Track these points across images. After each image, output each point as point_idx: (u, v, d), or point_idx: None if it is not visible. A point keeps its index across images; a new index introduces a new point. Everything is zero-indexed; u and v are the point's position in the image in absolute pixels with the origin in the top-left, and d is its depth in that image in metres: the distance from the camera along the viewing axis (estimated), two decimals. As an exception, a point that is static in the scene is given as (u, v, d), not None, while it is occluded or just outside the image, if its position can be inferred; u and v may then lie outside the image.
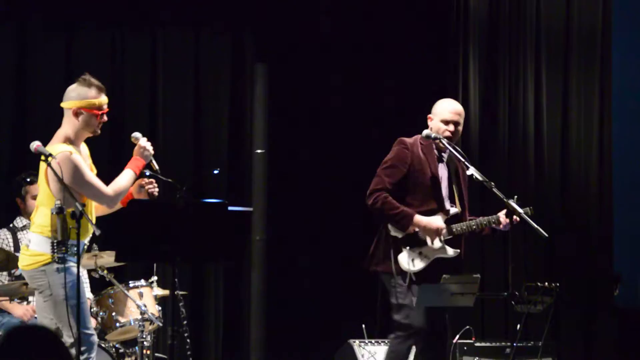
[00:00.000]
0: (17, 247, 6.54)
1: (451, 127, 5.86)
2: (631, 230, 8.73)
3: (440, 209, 5.80)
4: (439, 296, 5.71)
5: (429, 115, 5.97)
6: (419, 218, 5.71)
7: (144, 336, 6.49)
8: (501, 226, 5.86)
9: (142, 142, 5.36)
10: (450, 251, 5.80)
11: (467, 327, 7.15)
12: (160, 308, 6.72)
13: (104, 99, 5.28)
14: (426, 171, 5.80)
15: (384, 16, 8.51)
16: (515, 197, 5.79)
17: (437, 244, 5.75)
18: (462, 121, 5.95)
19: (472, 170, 5.73)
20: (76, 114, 5.21)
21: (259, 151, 8.17)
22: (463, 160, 5.78)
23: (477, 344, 7.16)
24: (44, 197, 5.16)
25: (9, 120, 7.88)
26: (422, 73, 8.36)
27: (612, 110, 8.56)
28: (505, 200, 5.69)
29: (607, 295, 8.45)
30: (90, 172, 5.19)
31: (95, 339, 5.21)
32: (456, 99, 8.38)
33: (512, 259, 6.26)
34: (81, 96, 5.22)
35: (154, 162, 5.37)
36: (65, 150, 5.13)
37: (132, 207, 4.91)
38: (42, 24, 7.97)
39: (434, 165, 5.84)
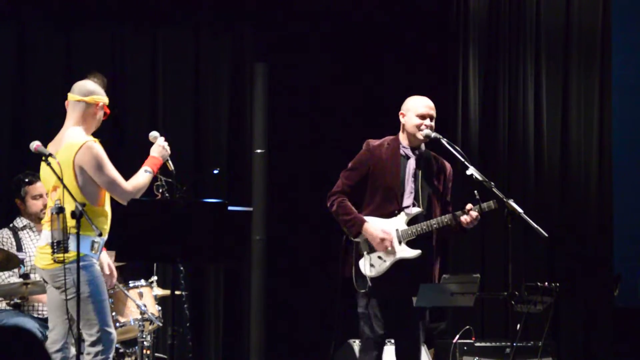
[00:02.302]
0: (19, 247, 6.54)
1: (428, 122, 5.81)
2: (631, 230, 8.73)
3: (400, 210, 5.74)
4: (439, 296, 5.70)
5: (401, 112, 5.89)
6: (366, 227, 5.66)
7: (144, 336, 6.49)
8: (463, 221, 5.70)
9: (160, 141, 5.42)
10: (411, 253, 5.72)
11: (467, 327, 7.15)
12: (160, 308, 6.72)
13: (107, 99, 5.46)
14: (386, 173, 5.74)
15: (384, 16, 8.51)
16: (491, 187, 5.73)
17: (390, 252, 5.68)
18: (435, 114, 5.88)
19: (471, 170, 5.70)
20: (99, 107, 5.37)
21: (259, 151, 8.17)
22: (463, 160, 5.76)
23: (477, 344, 7.17)
24: (67, 194, 5.17)
25: (9, 120, 7.88)
26: (422, 73, 8.36)
27: (612, 109, 8.56)
28: (505, 199, 5.67)
29: (607, 295, 8.45)
30: (111, 166, 5.25)
31: (114, 337, 5.23)
32: (456, 99, 8.44)
33: (512, 259, 6.24)
34: (98, 92, 5.39)
35: (169, 162, 5.40)
36: (89, 140, 5.24)
37: (132, 207, 4.91)
38: (42, 24, 7.97)
39: (395, 165, 5.76)
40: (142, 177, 5.30)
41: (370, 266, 5.69)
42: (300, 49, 8.41)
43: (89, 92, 5.38)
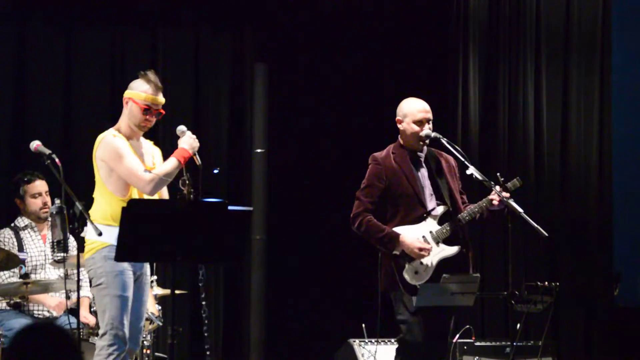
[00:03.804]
0: (20, 247, 6.54)
1: (426, 126, 5.76)
2: (631, 230, 8.72)
3: (426, 214, 5.71)
4: (439, 296, 5.70)
5: (397, 119, 5.82)
6: (402, 239, 5.60)
7: (144, 335, 6.49)
8: (495, 203, 5.70)
9: (190, 134, 5.40)
10: (451, 249, 5.73)
11: (467, 326, 7.15)
12: (160, 307, 6.73)
13: (153, 97, 5.36)
14: (402, 180, 5.70)
15: (384, 17, 8.51)
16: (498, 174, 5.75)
17: (431, 255, 5.69)
18: (432, 117, 5.82)
19: (471, 170, 5.70)
20: (126, 103, 5.35)
21: (259, 151, 8.17)
22: (463, 159, 5.75)
23: (477, 343, 7.16)
24: (97, 186, 5.25)
25: (9, 120, 7.89)
26: (422, 73, 8.36)
27: (612, 110, 8.57)
28: (505, 199, 5.68)
29: (607, 295, 8.45)
30: (132, 157, 5.23)
31: (124, 335, 5.17)
32: (456, 99, 8.44)
33: (512, 259, 6.24)
34: (133, 88, 5.37)
35: (197, 156, 5.36)
36: (108, 134, 5.27)
37: (132, 207, 4.91)
38: (42, 24, 7.97)
39: (408, 171, 5.72)
40: (164, 167, 5.28)
41: (415, 274, 5.65)
42: (300, 49, 8.41)
43: (128, 87, 5.41)
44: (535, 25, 8.54)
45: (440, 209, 5.75)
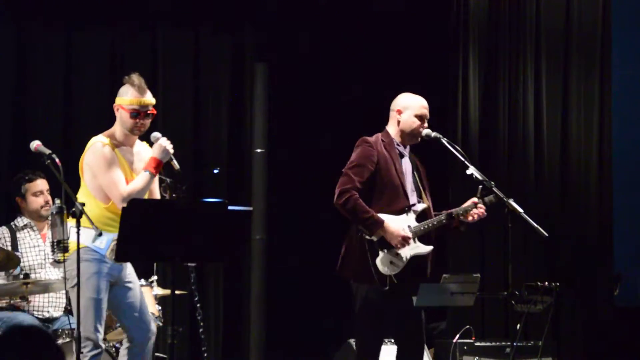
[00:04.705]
0: (15, 247, 6.53)
1: (425, 124, 5.77)
2: (631, 230, 8.73)
3: (408, 207, 5.70)
4: (439, 296, 5.70)
5: (397, 109, 5.82)
6: (386, 225, 5.57)
7: (144, 336, 6.47)
8: (470, 218, 5.72)
9: (162, 141, 5.39)
10: (425, 248, 5.68)
11: (467, 326, 7.15)
12: (160, 308, 6.73)
13: (138, 99, 5.36)
14: (391, 169, 5.68)
15: (384, 16, 8.51)
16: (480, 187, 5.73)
17: (407, 248, 5.64)
18: (429, 116, 5.83)
19: (471, 170, 5.69)
20: (117, 110, 5.39)
21: (258, 150, 8.17)
22: (463, 159, 5.75)
23: (477, 344, 7.17)
24: (82, 188, 5.33)
25: (9, 120, 7.89)
26: (422, 72, 8.35)
27: (612, 110, 8.57)
28: (505, 200, 5.67)
29: (607, 295, 8.45)
30: (115, 170, 5.26)
31: (95, 338, 5.21)
32: (456, 99, 8.45)
33: (512, 259, 6.24)
34: (120, 94, 5.40)
35: (174, 161, 5.36)
36: (97, 141, 5.32)
37: (132, 207, 4.91)
38: (42, 24, 7.97)
39: (397, 162, 5.72)
40: (138, 181, 5.31)
41: (390, 264, 5.62)
42: (300, 49, 8.41)
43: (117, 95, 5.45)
44: (535, 25, 8.54)
45: (420, 206, 5.74)
